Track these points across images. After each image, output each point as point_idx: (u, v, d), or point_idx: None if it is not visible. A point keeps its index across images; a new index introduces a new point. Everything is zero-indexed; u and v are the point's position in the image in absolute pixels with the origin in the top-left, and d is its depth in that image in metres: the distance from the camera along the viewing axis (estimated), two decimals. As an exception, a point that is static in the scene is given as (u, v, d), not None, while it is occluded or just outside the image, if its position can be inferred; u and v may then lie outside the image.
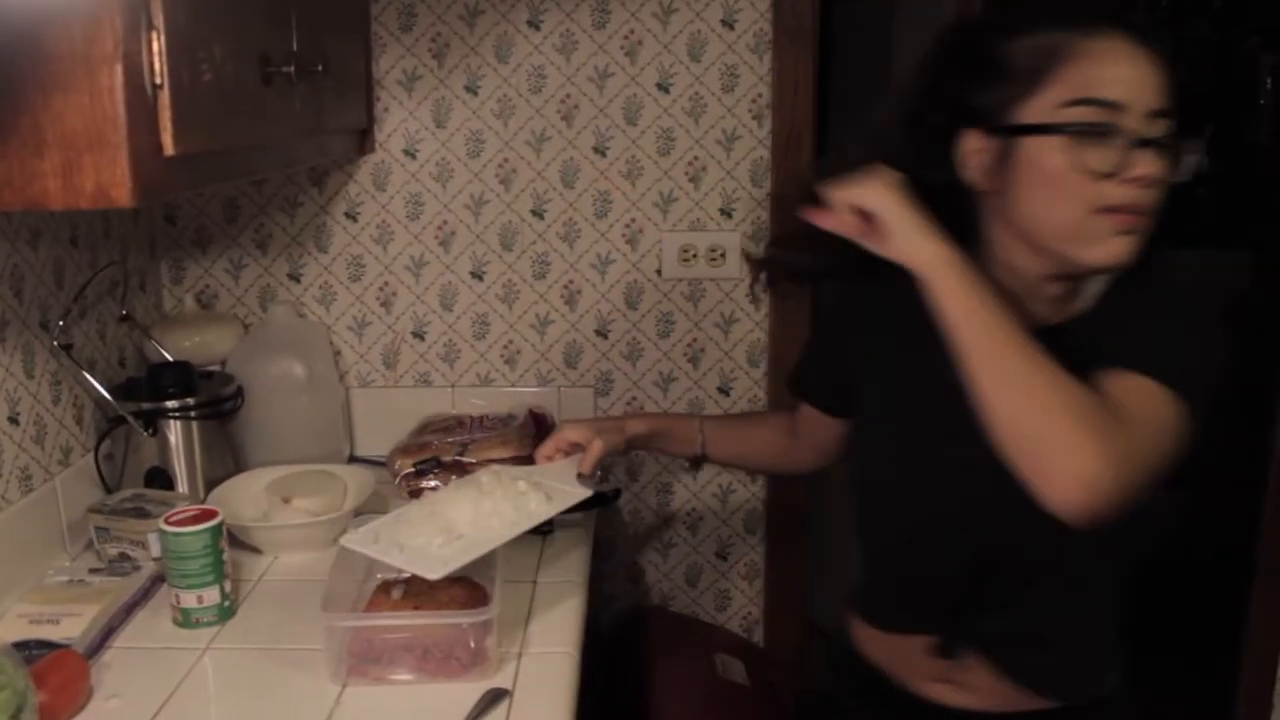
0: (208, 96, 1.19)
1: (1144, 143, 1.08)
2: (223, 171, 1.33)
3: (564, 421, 1.54)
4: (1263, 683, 2.28)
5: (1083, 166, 1.09)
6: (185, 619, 1.43)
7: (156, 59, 1.08)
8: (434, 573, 1.27)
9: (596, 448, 1.47)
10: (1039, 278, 1.19)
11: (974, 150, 1.16)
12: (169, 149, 1.11)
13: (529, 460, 1.82)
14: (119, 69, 1.04)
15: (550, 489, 1.44)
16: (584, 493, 1.44)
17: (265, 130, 1.40)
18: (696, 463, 1.60)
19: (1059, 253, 1.14)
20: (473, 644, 1.30)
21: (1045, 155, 1.11)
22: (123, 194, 1.06)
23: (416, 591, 1.40)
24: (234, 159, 1.34)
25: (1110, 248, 1.11)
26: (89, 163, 1.06)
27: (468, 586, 1.41)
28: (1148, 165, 1.08)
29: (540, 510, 1.40)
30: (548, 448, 1.50)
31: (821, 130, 2.40)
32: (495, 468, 1.50)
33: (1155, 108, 1.09)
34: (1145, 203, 1.10)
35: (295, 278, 2.07)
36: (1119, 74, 1.09)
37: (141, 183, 1.07)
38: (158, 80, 1.09)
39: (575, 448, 1.50)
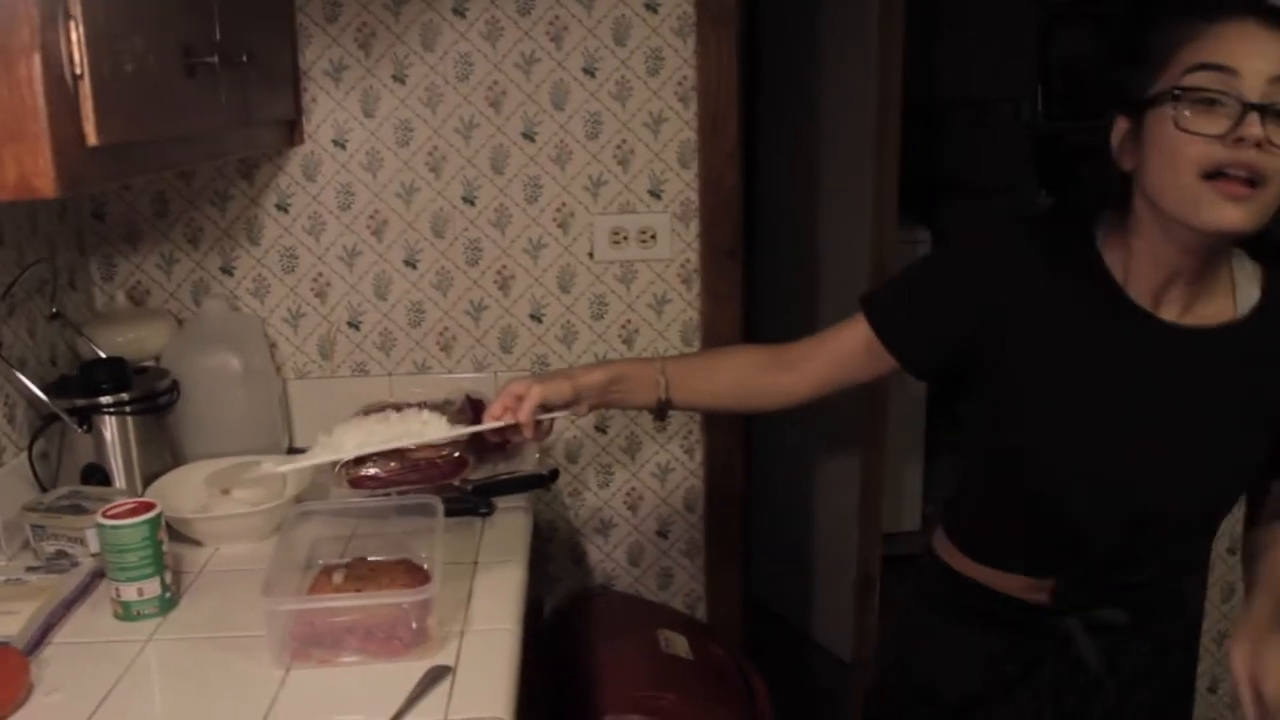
0: (129, 86, 1.19)
1: (1259, 108, 1.12)
2: (148, 162, 1.33)
3: (511, 379, 1.48)
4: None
5: (1191, 128, 1.14)
6: (126, 612, 1.43)
7: (75, 49, 1.08)
8: (269, 468, 1.42)
9: (534, 394, 1.39)
10: (1177, 255, 1.23)
11: (1120, 132, 1.23)
12: (92, 139, 1.11)
13: (471, 440, 1.85)
14: (37, 59, 1.04)
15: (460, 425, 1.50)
16: (486, 429, 1.42)
17: (190, 121, 1.40)
18: (660, 412, 1.48)
19: (1180, 219, 1.18)
20: (414, 624, 1.32)
21: (1163, 124, 1.16)
22: (46, 184, 1.06)
23: (358, 575, 1.41)
24: (159, 149, 1.34)
25: (1223, 213, 1.15)
26: (10, 154, 1.05)
27: (409, 569, 1.43)
28: (1259, 128, 1.11)
29: (434, 433, 1.45)
30: (496, 407, 1.43)
31: (750, 109, 2.44)
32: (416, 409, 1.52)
33: (1277, 73, 1.12)
34: (1259, 167, 1.13)
35: (228, 271, 2.07)
36: (1237, 44, 1.14)
37: (65, 173, 1.07)
38: (78, 70, 1.09)
39: (520, 401, 1.43)
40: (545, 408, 1.41)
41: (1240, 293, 1.29)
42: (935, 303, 1.38)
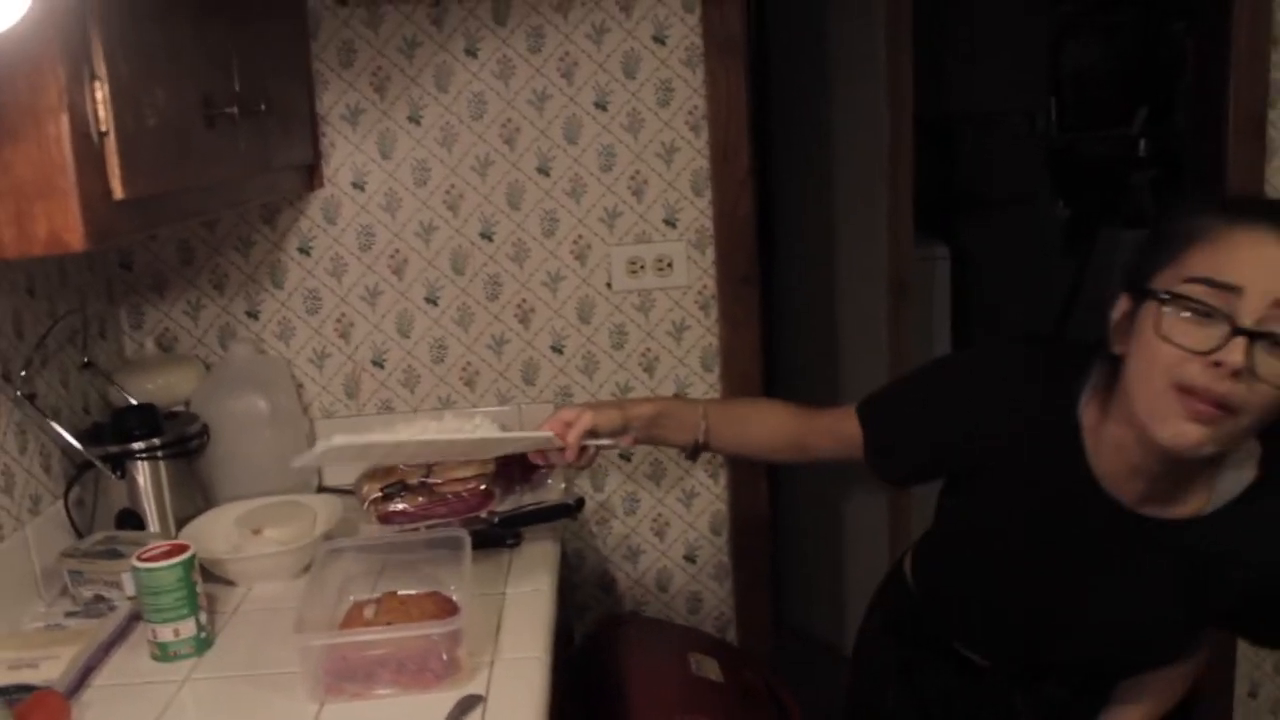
0: (153, 140, 1.23)
1: (1250, 334, 1.07)
2: (173, 212, 1.37)
3: (565, 405, 1.57)
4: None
5: (1172, 336, 1.11)
6: (163, 653, 1.45)
7: (101, 107, 1.12)
8: (335, 439, 1.42)
9: (584, 419, 1.46)
10: (1140, 453, 1.21)
11: (1119, 311, 1.21)
12: (118, 193, 1.15)
13: (495, 474, 1.87)
14: (65, 118, 1.08)
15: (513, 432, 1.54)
16: (543, 436, 1.48)
17: (212, 170, 1.44)
18: (694, 452, 1.56)
19: (1141, 425, 1.16)
20: (445, 655, 1.34)
21: (1150, 320, 1.14)
22: (75, 239, 1.10)
23: (389, 609, 1.43)
24: (184, 199, 1.38)
25: (1179, 430, 1.12)
26: (41, 210, 1.09)
27: (438, 601, 1.45)
28: (1241, 356, 1.07)
29: (485, 433, 1.49)
30: (555, 423, 1.50)
31: (762, 134, 2.47)
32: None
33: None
34: (1231, 396, 1.09)
35: (253, 315, 2.10)
36: (1248, 256, 1.10)
37: (93, 227, 1.11)
38: (103, 127, 1.13)
39: (568, 427, 1.49)
40: (594, 434, 1.48)
41: (1221, 485, 1.25)
42: (922, 431, 1.43)
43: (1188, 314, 1.11)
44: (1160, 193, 3.87)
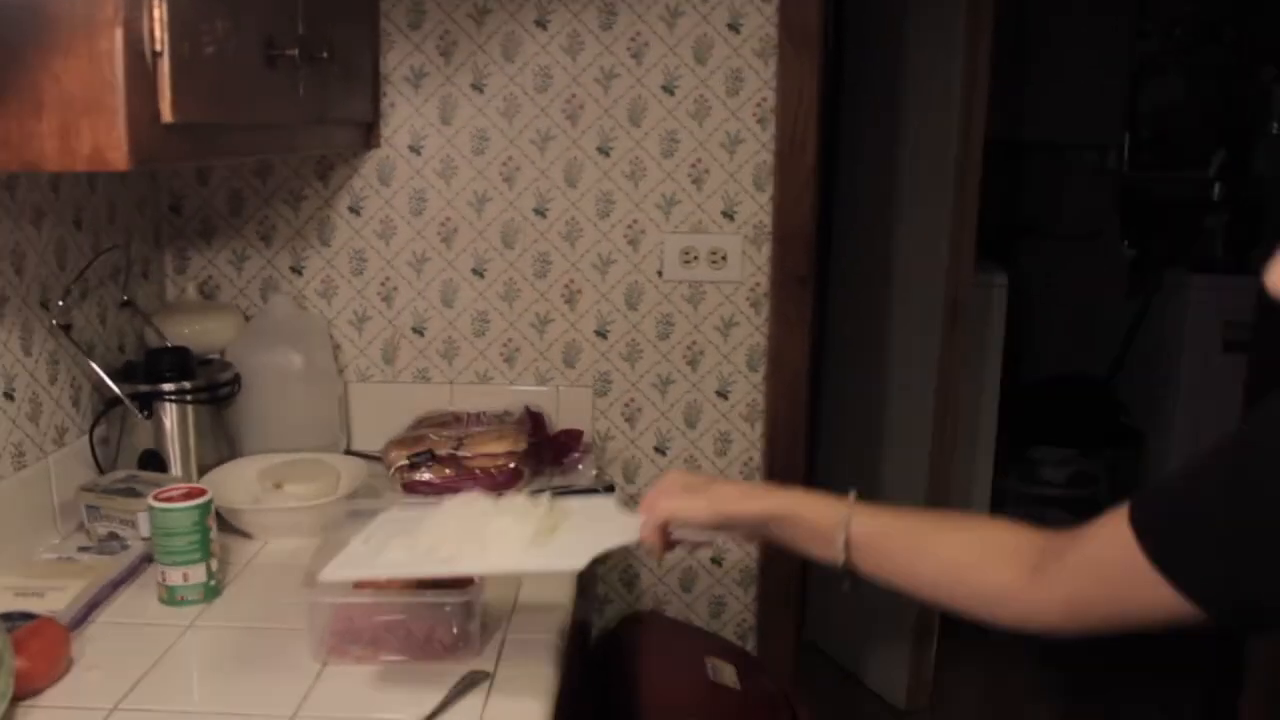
0: (208, 68, 1.20)
1: None
2: (222, 146, 1.34)
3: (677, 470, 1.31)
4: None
5: None
6: (170, 596, 1.43)
7: (157, 26, 1.10)
8: (325, 576, 1.19)
9: (660, 511, 1.15)
10: None
11: None
12: (167, 116, 1.12)
13: (526, 453, 1.83)
14: (119, 34, 1.05)
15: (552, 546, 1.19)
16: (567, 565, 1.17)
17: (266, 110, 1.41)
18: (850, 581, 1.11)
19: None
20: (455, 627, 1.30)
21: None
22: (118, 157, 1.07)
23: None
24: (234, 134, 1.35)
25: None
26: (86, 125, 1.07)
27: (454, 573, 1.41)
28: None
29: (494, 563, 1.19)
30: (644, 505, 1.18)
31: (829, 135, 2.42)
32: (546, 496, 1.24)
33: None
34: None
35: (297, 270, 2.08)
36: None
37: (138, 147, 1.08)
38: (158, 48, 1.10)
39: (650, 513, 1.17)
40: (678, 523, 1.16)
41: None
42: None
43: None
44: (1232, 238, 3.77)
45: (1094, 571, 0.92)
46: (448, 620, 1.30)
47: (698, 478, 1.20)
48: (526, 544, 1.17)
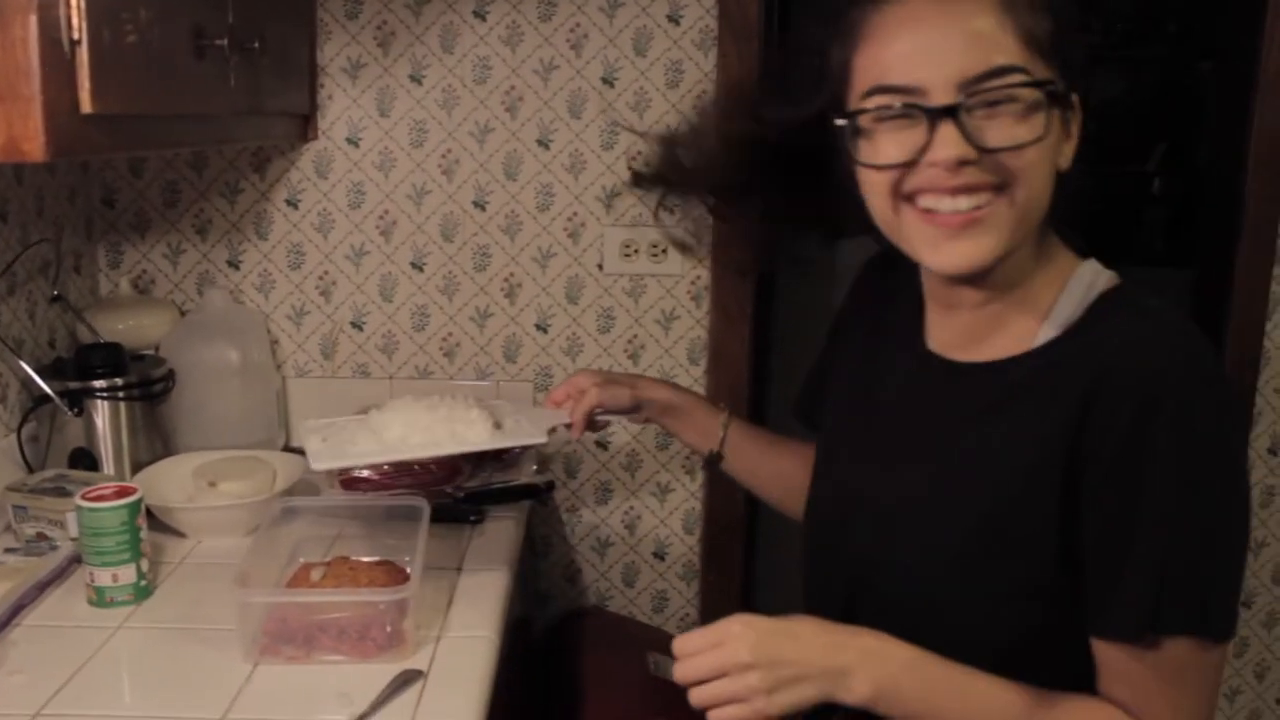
0: (130, 58, 1.17)
1: (949, 111, 0.92)
2: (148, 137, 1.31)
3: (581, 370, 1.52)
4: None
5: (876, 162, 0.97)
6: (99, 598, 1.40)
7: (74, 14, 1.07)
8: (312, 462, 1.35)
9: (589, 398, 1.39)
10: (941, 284, 1.06)
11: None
12: (86, 106, 1.09)
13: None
14: (33, 20, 1.02)
15: (508, 426, 1.44)
16: (535, 438, 1.41)
17: (195, 101, 1.39)
18: (711, 461, 1.46)
19: (910, 255, 1.02)
20: (389, 626, 1.28)
21: (850, 154, 1.00)
22: (35, 148, 1.04)
23: (337, 573, 1.38)
24: (160, 126, 1.32)
25: (941, 254, 0.97)
26: (1, 114, 1.04)
27: (390, 570, 1.40)
28: (950, 147, 0.92)
29: (471, 439, 1.39)
30: (558, 392, 1.43)
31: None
32: (465, 396, 1.47)
33: (972, 74, 0.92)
34: (972, 184, 0.93)
35: (234, 264, 2.05)
36: (909, 48, 0.95)
37: (56, 138, 1.06)
38: (75, 36, 1.07)
39: (582, 395, 1.42)
40: (602, 408, 1.42)
41: (1053, 318, 1.00)
42: (820, 361, 1.38)
43: (878, 128, 0.97)
44: (1173, 232, 3.81)
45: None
46: (381, 618, 1.28)
47: (607, 371, 1.49)
48: (491, 429, 1.40)
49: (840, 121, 1.00)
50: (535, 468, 1.92)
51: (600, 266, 2.03)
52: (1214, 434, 0.91)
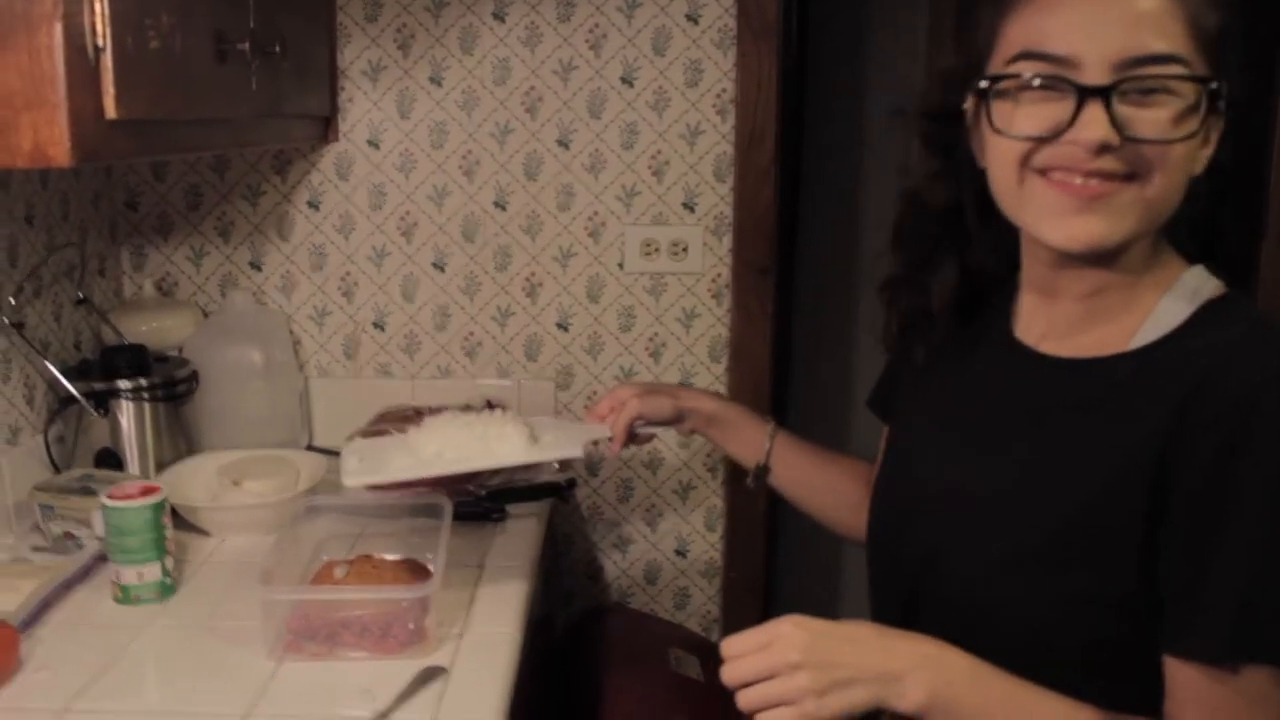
0: (154, 64, 1.18)
1: (1102, 92, 0.89)
2: (171, 142, 1.33)
3: (622, 383, 1.47)
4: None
5: (1010, 130, 0.94)
6: (125, 595, 1.41)
7: (99, 21, 1.08)
8: (346, 479, 1.35)
9: (630, 409, 1.37)
10: (1049, 268, 1.02)
11: (970, 124, 1.03)
12: (110, 112, 1.11)
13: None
14: (58, 28, 1.04)
15: (545, 441, 1.41)
16: (570, 452, 1.38)
17: (217, 105, 1.40)
18: (758, 475, 1.42)
19: (1025, 228, 1.00)
20: (411, 623, 1.29)
21: (985, 118, 0.97)
22: (60, 154, 1.06)
23: (360, 571, 1.39)
24: (183, 130, 1.34)
25: (1065, 227, 0.93)
26: (26, 121, 1.05)
27: (413, 568, 1.41)
28: (1097, 128, 0.88)
29: (504, 454, 1.38)
30: (602, 406, 1.42)
31: (789, 126, 2.42)
32: (507, 409, 1.50)
33: (1131, 55, 0.89)
34: (1108, 170, 0.90)
35: (256, 266, 2.06)
36: (1069, 17, 0.92)
37: (81, 144, 1.07)
38: (100, 43, 1.09)
39: (622, 407, 1.40)
40: (643, 419, 1.40)
41: (1154, 319, 0.97)
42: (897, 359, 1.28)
43: (1020, 96, 0.94)
44: (1195, 231, 3.78)
45: None
46: (404, 615, 1.29)
47: (649, 383, 1.51)
48: (526, 444, 1.38)
49: (983, 83, 0.97)
50: (558, 467, 1.92)
51: (621, 265, 2.04)
52: None
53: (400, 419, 1.92)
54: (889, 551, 1.16)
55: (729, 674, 0.96)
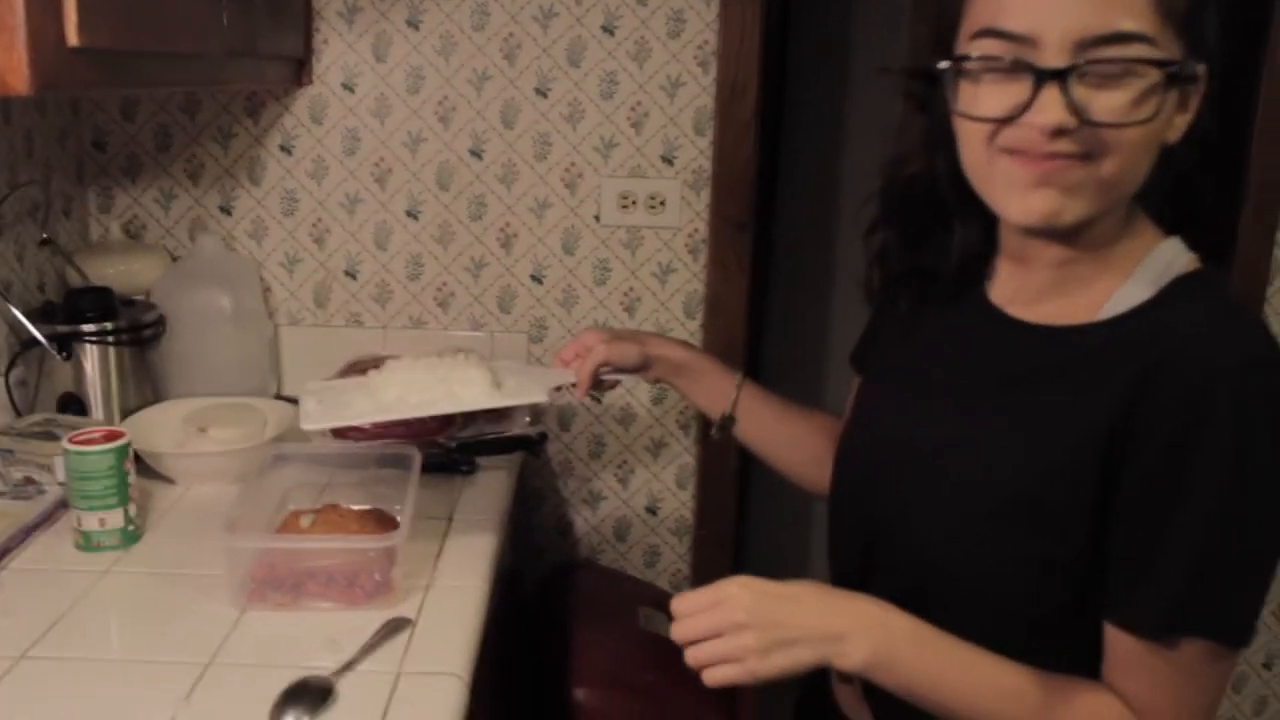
0: (119, -9, 1.14)
1: (1058, 75, 0.87)
2: (136, 74, 1.28)
3: (588, 328, 1.42)
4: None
5: (972, 111, 0.94)
6: (86, 542, 1.39)
7: (61, -58, 1.04)
8: (303, 423, 1.31)
9: (595, 354, 1.32)
10: (1019, 236, 1.02)
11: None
12: (72, 39, 1.06)
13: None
14: (18, -52, 1.00)
15: (509, 386, 1.39)
16: (535, 396, 1.37)
17: (186, 39, 1.36)
18: (723, 426, 1.38)
19: (989, 203, 0.98)
20: (377, 574, 1.28)
21: (949, 98, 0.97)
22: (19, 80, 1.02)
23: (326, 520, 1.37)
24: (149, 63, 1.29)
25: (1022, 201, 0.93)
26: (-16, 47, 1.01)
27: (380, 518, 1.39)
28: (1052, 112, 0.88)
29: (468, 398, 1.35)
30: (567, 351, 1.36)
31: (771, 81, 2.39)
32: (470, 352, 1.45)
33: (1093, 34, 0.87)
34: (1066, 150, 0.90)
35: (226, 210, 2.02)
36: None
37: (41, 71, 1.03)
38: (61, -34, 1.05)
39: (588, 353, 1.36)
40: (609, 366, 1.35)
41: (1124, 292, 0.97)
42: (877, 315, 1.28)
43: (981, 76, 0.93)
44: (1174, 199, 3.78)
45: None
46: (370, 566, 1.27)
47: (616, 329, 1.44)
48: (490, 388, 1.36)
49: (943, 64, 0.96)
50: (529, 419, 1.90)
51: (597, 218, 2.01)
52: (1268, 438, 0.87)
53: (370, 368, 1.89)
54: (849, 509, 1.17)
55: (678, 631, 0.98)
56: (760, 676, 0.95)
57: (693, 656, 0.98)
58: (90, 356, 1.70)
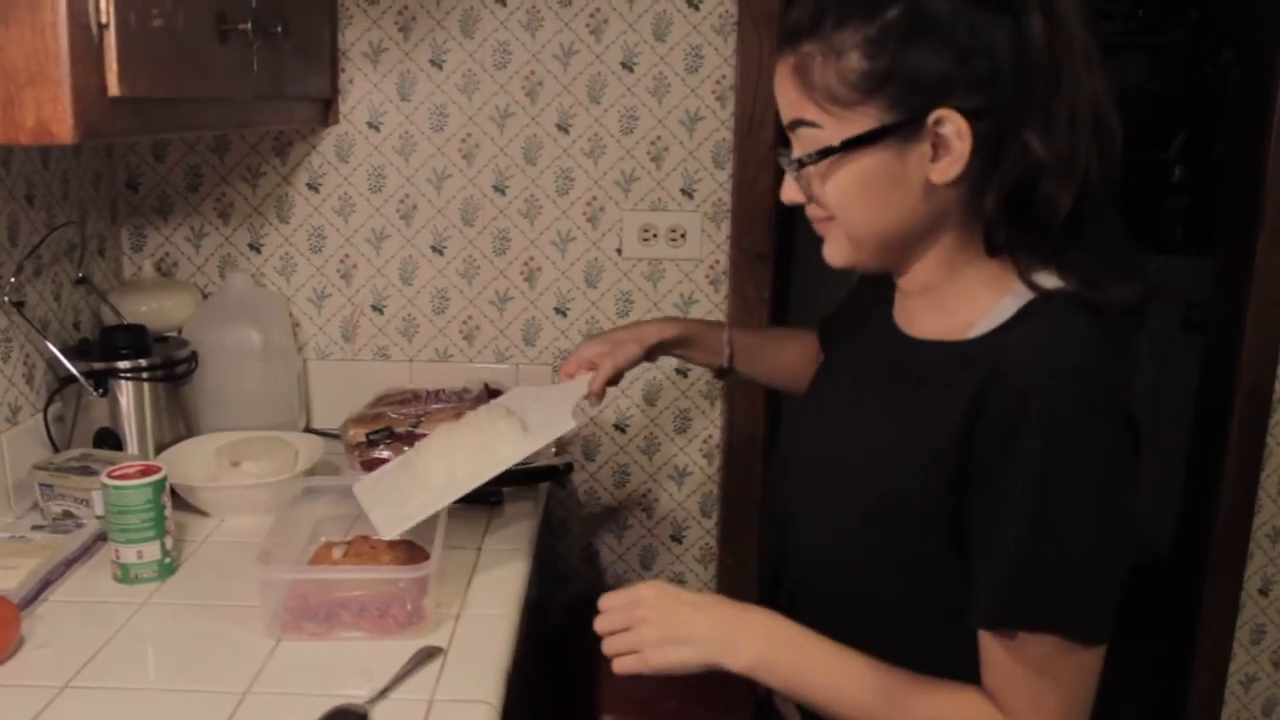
0: (156, 42, 1.18)
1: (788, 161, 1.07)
2: (172, 120, 1.33)
3: (586, 339, 1.56)
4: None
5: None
6: (124, 574, 1.42)
7: (102, -2, 1.08)
8: (386, 534, 1.36)
9: (605, 369, 1.47)
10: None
11: None
12: (114, 89, 1.11)
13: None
14: (62, 4, 1.03)
15: (535, 423, 1.47)
16: (563, 427, 1.45)
17: (218, 85, 1.40)
18: (723, 373, 1.56)
19: None
20: (409, 603, 1.30)
21: None
22: (63, 130, 1.06)
23: (358, 551, 1.39)
24: (184, 109, 1.34)
25: (823, 249, 1.11)
26: (30, 97, 1.05)
27: (410, 550, 1.41)
28: (786, 190, 1.09)
29: (507, 455, 1.42)
30: (570, 364, 1.50)
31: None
32: (488, 405, 1.55)
33: (786, 124, 1.07)
34: (813, 215, 1.09)
35: (256, 248, 2.06)
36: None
37: (84, 121, 1.07)
38: (103, 19, 1.08)
39: (594, 366, 1.49)
40: (620, 372, 1.49)
41: (993, 315, 1.04)
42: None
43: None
44: (1192, 220, 3.79)
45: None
46: (402, 596, 1.30)
47: (610, 332, 1.53)
48: (521, 435, 1.44)
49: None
50: (554, 450, 1.93)
51: (619, 251, 2.04)
52: (1077, 448, 0.94)
53: (398, 402, 1.93)
54: (767, 510, 1.33)
55: (597, 624, 1.15)
56: (653, 666, 1.11)
57: (605, 646, 1.14)
58: (125, 392, 1.74)
